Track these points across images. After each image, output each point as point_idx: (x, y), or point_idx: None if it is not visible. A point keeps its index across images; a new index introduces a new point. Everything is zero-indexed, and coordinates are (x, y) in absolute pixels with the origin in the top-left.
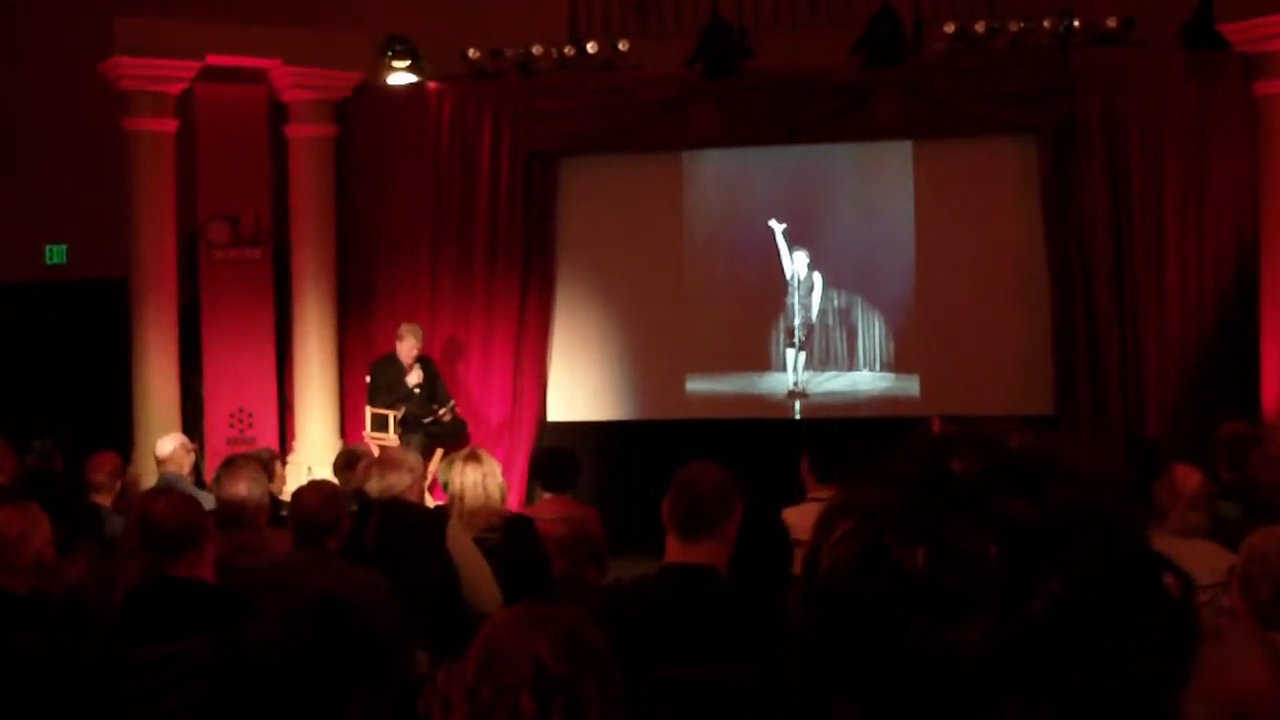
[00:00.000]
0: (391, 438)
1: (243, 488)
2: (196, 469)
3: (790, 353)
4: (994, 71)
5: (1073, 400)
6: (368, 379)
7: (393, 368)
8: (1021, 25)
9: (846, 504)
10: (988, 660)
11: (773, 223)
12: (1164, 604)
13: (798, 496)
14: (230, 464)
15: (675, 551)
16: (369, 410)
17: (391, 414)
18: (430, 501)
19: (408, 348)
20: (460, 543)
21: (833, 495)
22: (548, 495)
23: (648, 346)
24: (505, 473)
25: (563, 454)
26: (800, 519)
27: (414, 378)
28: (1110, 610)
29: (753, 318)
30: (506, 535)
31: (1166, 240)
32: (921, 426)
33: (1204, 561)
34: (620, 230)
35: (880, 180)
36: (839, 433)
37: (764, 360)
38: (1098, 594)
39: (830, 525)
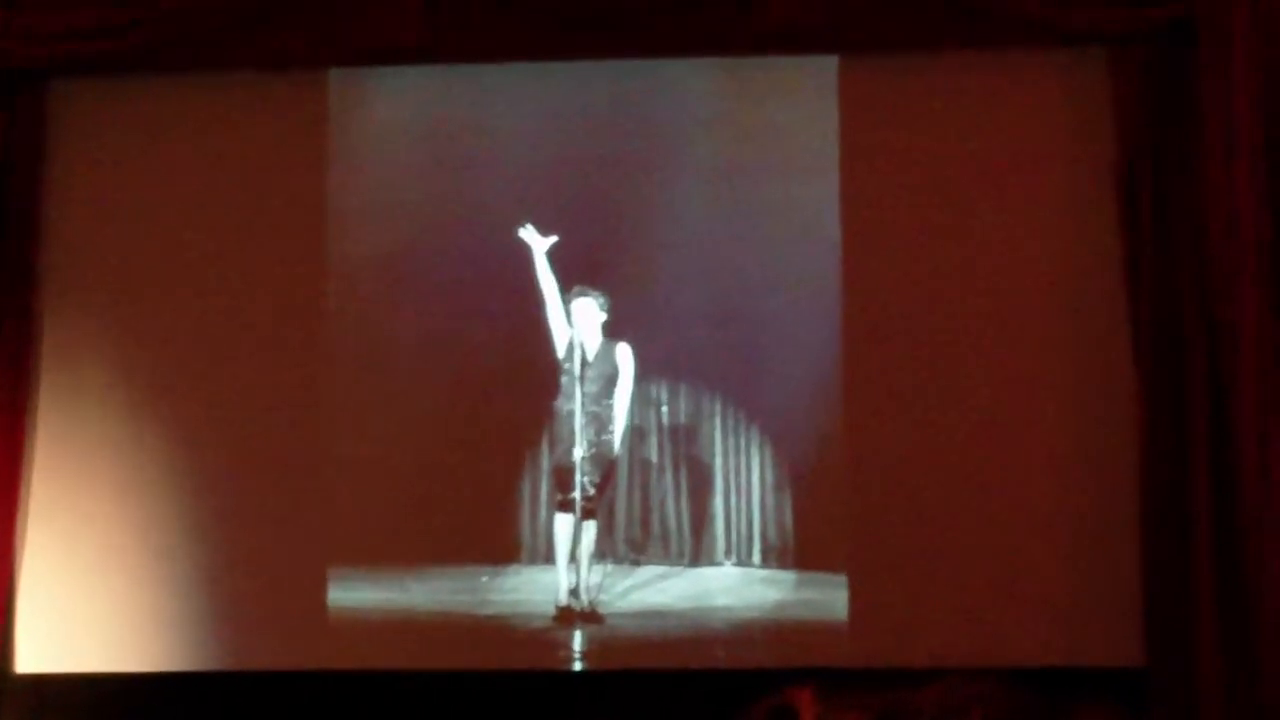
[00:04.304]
0: None
1: None
2: None
3: (564, 521)
4: None
5: (1182, 636)
6: None
7: None
8: None
9: None
10: None
11: (528, 233)
12: None
13: None
14: None
15: None
16: None
17: None
18: None
19: None
20: None
21: None
22: None
23: (245, 504)
24: None
25: None
26: None
27: None
28: None
29: (480, 441)
30: None
31: None
32: (772, 708)
33: None
34: (185, 237)
35: (768, 142)
36: (671, 702)
37: (506, 538)
38: None
39: None
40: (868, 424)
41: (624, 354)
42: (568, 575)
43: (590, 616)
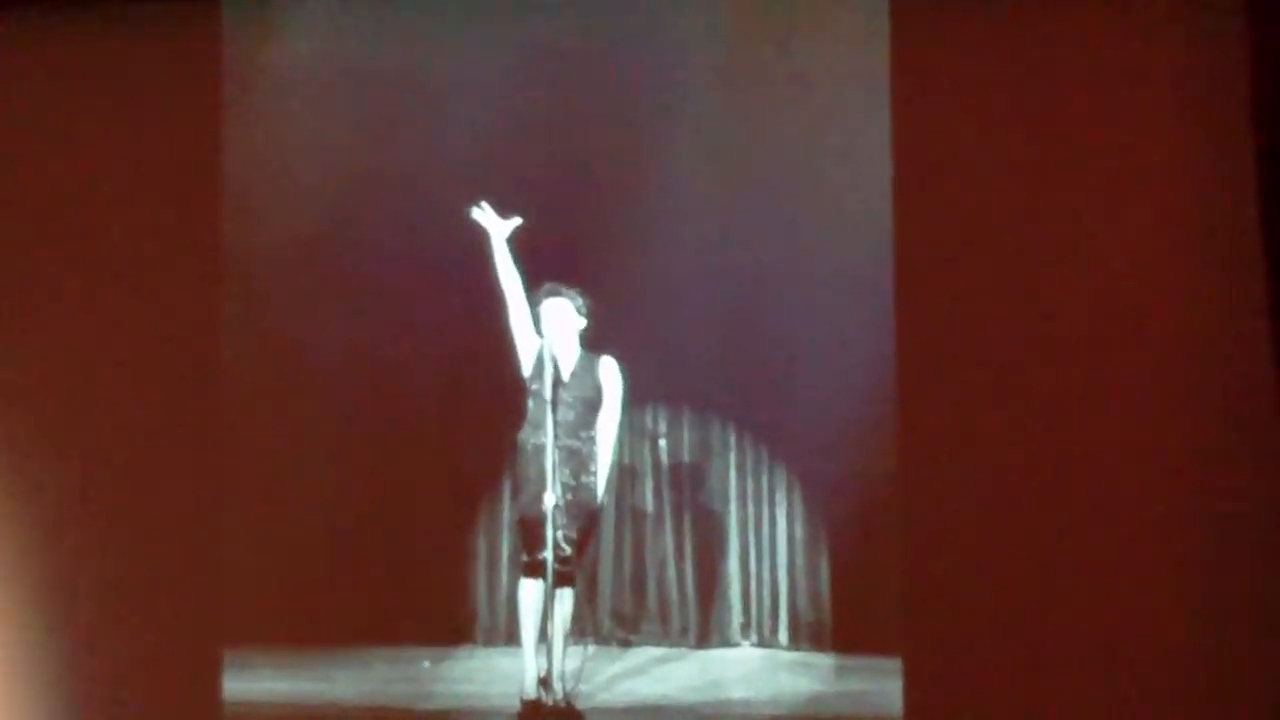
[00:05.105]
0: None
1: None
2: None
3: (532, 589)
4: None
5: None
6: None
7: None
8: None
9: None
10: None
11: (481, 213)
12: None
13: None
14: None
15: None
16: None
17: None
18: None
19: None
20: None
21: None
22: None
23: (118, 570)
24: None
25: None
26: None
27: None
28: None
29: (422, 486)
30: None
31: None
32: None
33: None
34: (42, 223)
35: (797, 99)
36: None
37: (455, 612)
38: None
39: None
40: (928, 464)
41: (609, 371)
42: (536, 659)
43: (566, 713)
